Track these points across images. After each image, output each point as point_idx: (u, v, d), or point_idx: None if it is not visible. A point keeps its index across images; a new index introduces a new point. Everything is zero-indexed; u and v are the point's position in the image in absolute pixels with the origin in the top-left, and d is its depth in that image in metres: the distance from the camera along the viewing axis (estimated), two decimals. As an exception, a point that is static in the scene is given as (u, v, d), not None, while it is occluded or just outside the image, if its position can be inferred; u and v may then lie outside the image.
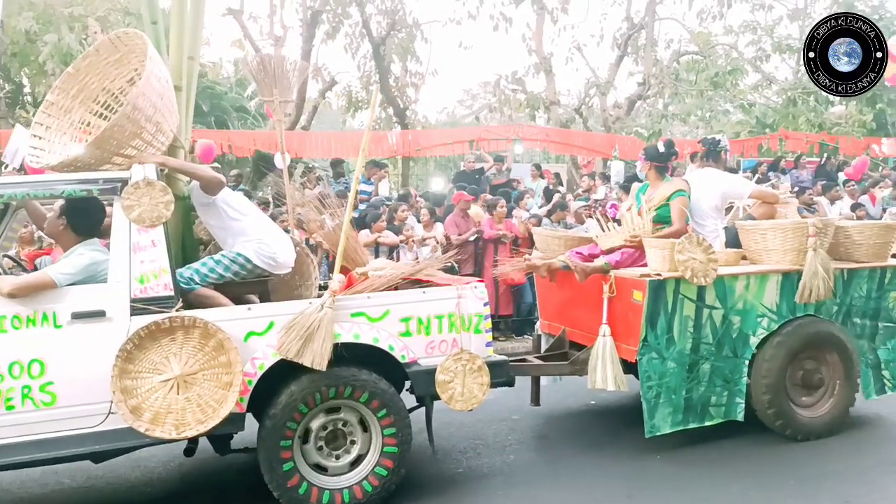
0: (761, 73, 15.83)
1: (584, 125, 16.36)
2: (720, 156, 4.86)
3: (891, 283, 4.55)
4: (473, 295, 3.83)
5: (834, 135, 14.70)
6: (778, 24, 15.93)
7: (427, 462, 4.31)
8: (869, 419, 4.85)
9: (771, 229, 4.29)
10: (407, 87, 15.44)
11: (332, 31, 14.64)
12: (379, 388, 3.62)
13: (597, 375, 4.24)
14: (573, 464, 4.27)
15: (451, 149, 14.57)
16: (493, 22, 15.18)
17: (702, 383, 4.25)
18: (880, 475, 4.01)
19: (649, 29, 15.26)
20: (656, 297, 4.08)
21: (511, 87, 15.81)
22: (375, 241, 7.62)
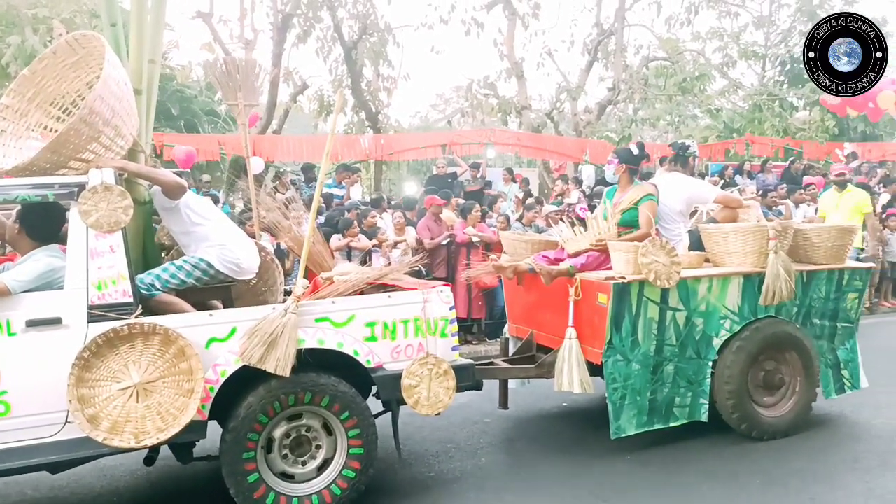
0: (728, 79, 16.10)
1: (555, 130, 16.44)
2: (688, 161, 4.93)
3: (848, 285, 4.65)
4: (439, 299, 3.83)
5: (798, 140, 15.00)
6: (744, 31, 16.23)
7: (399, 466, 4.30)
8: (832, 418, 4.94)
9: (732, 232, 4.36)
10: (379, 92, 15.37)
11: (304, 35, 14.51)
12: (339, 390, 3.59)
13: (563, 378, 4.26)
14: (545, 466, 4.28)
15: (423, 153, 14.55)
16: (464, 27, 15.21)
17: (666, 385, 4.30)
18: (843, 473, 4.09)
19: (619, 35, 15.42)
20: (621, 299, 4.11)
21: (483, 92, 15.84)
22: (347, 245, 7.58)
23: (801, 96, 15.20)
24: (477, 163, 13.31)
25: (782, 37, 16.70)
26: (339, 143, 13.82)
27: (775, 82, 16.45)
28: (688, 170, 4.92)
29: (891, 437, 4.61)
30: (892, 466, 4.14)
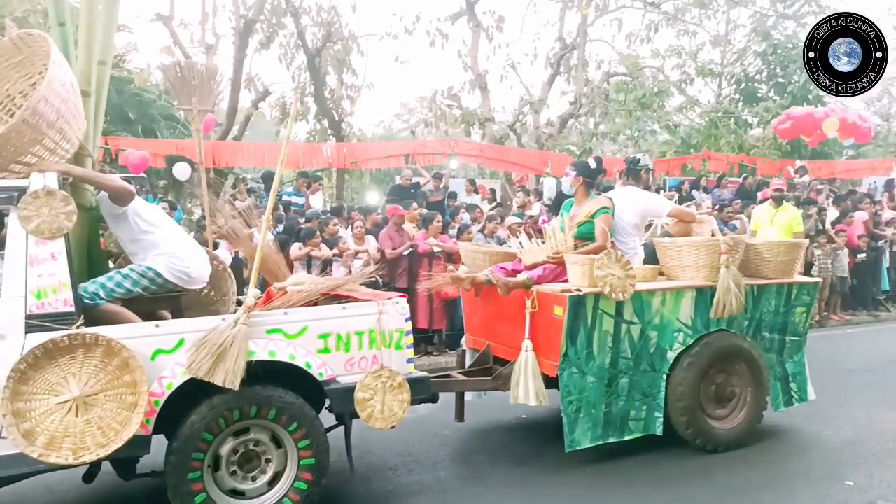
0: (686, 96, 16.49)
1: (518, 142, 16.58)
2: (640, 175, 4.99)
3: (797, 299, 4.75)
4: (395, 310, 3.78)
5: (752, 156, 15.40)
6: (701, 50, 16.68)
7: (357, 481, 4.24)
8: (783, 430, 5.03)
9: (686, 246, 4.42)
10: (342, 100, 15.30)
11: (266, 41, 14.39)
12: (285, 402, 3.51)
13: (519, 391, 4.25)
14: (504, 479, 4.25)
15: (386, 162, 14.49)
16: (429, 37, 15.27)
17: (621, 398, 4.32)
18: (794, 483, 4.17)
19: (581, 50, 15.66)
20: (576, 312, 4.13)
21: (447, 103, 15.89)
22: (308, 254, 7.47)
23: (755, 114, 15.63)
24: (440, 173, 13.32)
25: (737, 56, 17.18)
26: (301, 151, 13.68)
27: (731, 100, 16.90)
28: (641, 183, 4.98)
29: (839, 448, 4.71)
30: (839, 477, 4.23)
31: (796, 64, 15.75)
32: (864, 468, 4.34)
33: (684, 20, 16.29)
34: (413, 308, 7.78)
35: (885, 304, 11.12)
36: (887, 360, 7.38)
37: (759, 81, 16.59)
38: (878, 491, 4.01)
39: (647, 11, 15.83)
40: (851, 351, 8.12)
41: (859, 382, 6.60)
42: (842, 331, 9.67)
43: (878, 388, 6.27)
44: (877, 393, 6.11)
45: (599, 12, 15.79)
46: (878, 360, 7.47)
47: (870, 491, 4.01)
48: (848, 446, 4.74)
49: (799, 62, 15.90)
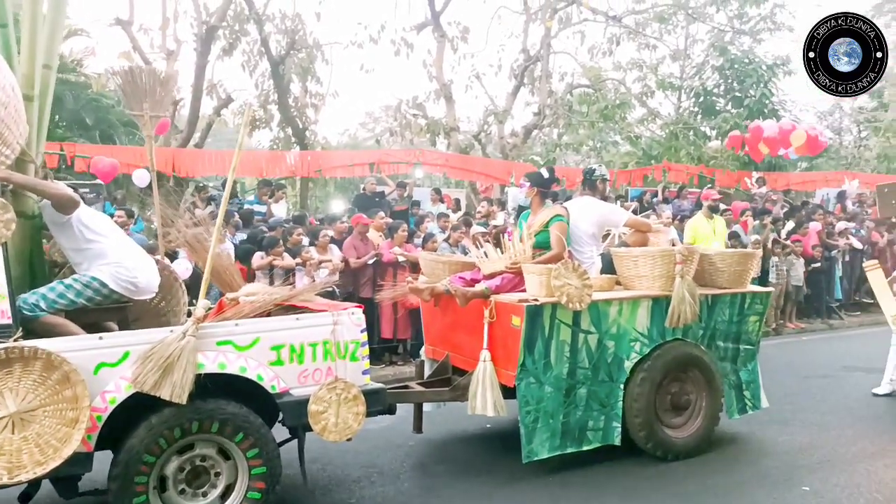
0: (647, 108, 16.77)
1: (482, 152, 16.65)
2: (596, 185, 5.01)
3: (750, 308, 4.82)
4: (350, 321, 3.71)
5: (711, 167, 15.72)
6: (661, 63, 17.01)
7: (319, 492, 4.17)
8: (742, 436, 5.09)
9: (642, 256, 4.45)
10: (307, 108, 15.17)
11: (229, 48, 14.20)
12: (228, 413, 3.41)
13: (477, 401, 4.22)
14: (467, 488, 4.21)
15: (351, 171, 14.39)
16: (394, 47, 15.25)
17: (579, 408, 4.32)
18: (753, 488, 4.22)
19: (544, 61, 15.81)
20: (533, 322, 4.11)
21: (412, 112, 15.88)
22: (270, 263, 7.34)
23: (713, 126, 15.98)
24: (404, 182, 13.27)
25: (696, 70, 17.55)
26: (265, 159, 13.51)
27: (690, 113, 17.24)
28: (597, 193, 5.01)
29: (795, 454, 4.79)
30: (797, 481, 4.29)
31: (752, 78, 16.17)
32: (819, 473, 4.42)
33: (645, 34, 16.60)
34: (377, 317, 7.76)
35: (837, 312, 11.40)
36: (840, 366, 7.54)
37: (716, 95, 16.97)
38: (833, 495, 4.08)
39: (609, 25, 16.08)
40: (806, 358, 8.28)
41: (814, 389, 6.73)
42: (797, 338, 9.86)
43: (831, 394, 6.41)
44: (831, 399, 6.23)
45: (563, 25, 16.00)
46: (832, 366, 7.63)
47: (825, 495, 4.08)
48: (804, 451, 4.82)
49: (755, 77, 16.36)
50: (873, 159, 17.10)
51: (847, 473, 4.42)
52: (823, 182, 16.34)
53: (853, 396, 5.83)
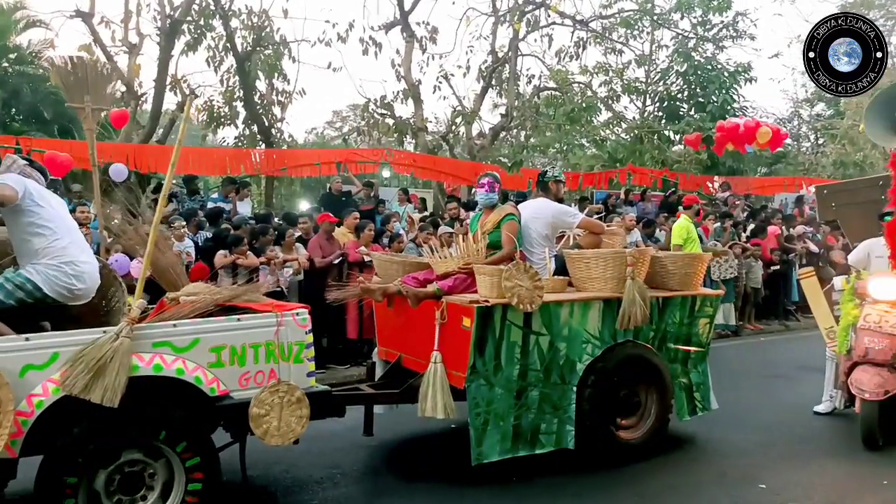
0: (612, 112, 16.86)
1: (450, 152, 16.57)
2: (548, 186, 4.97)
3: (700, 311, 4.83)
4: (295, 322, 3.61)
5: (675, 171, 15.89)
6: (627, 68, 17.10)
7: (281, 495, 4.10)
8: (700, 436, 5.12)
9: (594, 258, 4.42)
10: (273, 105, 14.90)
11: (194, 43, 13.86)
12: (165, 418, 3.28)
13: (427, 403, 4.14)
14: (435, 490, 4.15)
15: (318, 170, 14.20)
16: (362, 45, 15.06)
17: (531, 410, 4.26)
18: (713, 487, 4.24)
19: (512, 64, 15.78)
20: (484, 323, 4.05)
21: (380, 112, 15.71)
22: (233, 261, 7.16)
23: (677, 131, 16.15)
24: (371, 182, 13.14)
25: (661, 75, 17.74)
26: (229, 157, 13.25)
27: (654, 117, 17.41)
28: (551, 195, 4.97)
29: (752, 452, 4.82)
30: (754, 480, 4.32)
31: (715, 84, 16.39)
32: (776, 471, 4.47)
33: (611, 39, 16.67)
34: (342, 318, 7.61)
35: (794, 313, 11.60)
36: (796, 366, 7.60)
37: (680, 100, 17.17)
38: (789, 493, 4.12)
39: (577, 29, 16.11)
40: (764, 358, 8.39)
41: (771, 388, 6.83)
42: (755, 339, 9.99)
43: (788, 394, 6.45)
44: (787, 398, 6.27)
45: (531, 28, 15.97)
46: (789, 366, 7.71)
47: (781, 493, 4.12)
48: (761, 450, 4.87)
49: (717, 83, 16.59)
50: (829, 165, 17.46)
51: (802, 471, 4.48)
52: (782, 187, 16.65)
53: (808, 396, 5.88)
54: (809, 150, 20.81)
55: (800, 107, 21.46)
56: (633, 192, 14.78)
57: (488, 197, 4.70)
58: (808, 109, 21.38)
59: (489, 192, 4.69)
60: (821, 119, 20.56)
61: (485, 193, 4.71)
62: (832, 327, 5.56)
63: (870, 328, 4.85)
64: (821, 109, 21.17)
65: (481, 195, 4.75)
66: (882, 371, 4.74)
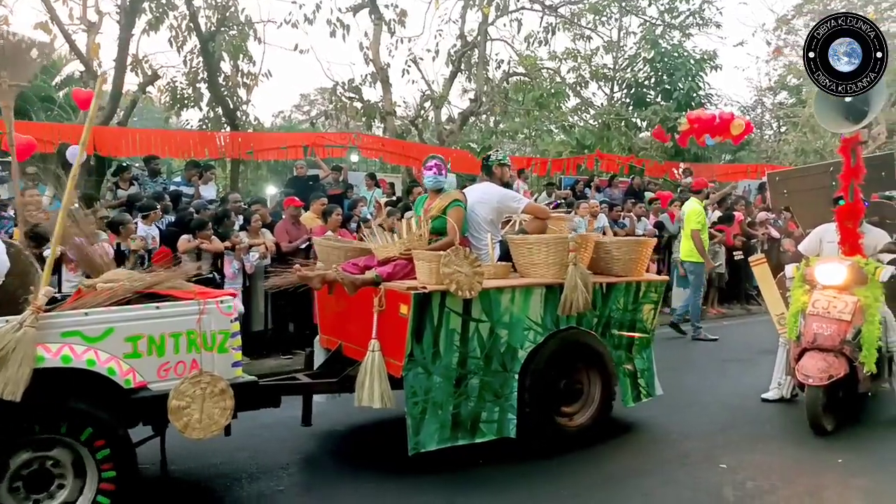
0: (580, 98, 16.72)
1: (419, 137, 16.32)
2: (493, 170, 4.81)
3: (645, 297, 4.72)
4: (219, 310, 3.41)
5: (641, 158, 15.84)
6: (595, 54, 16.94)
7: (246, 480, 4.00)
8: (663, 418, 5.10)
9: (536, 243, 4.28)
10: (238, 87, 14.48)
11: (156, 22, 13.36)
12: (74, 410, 3.09)
13: (364, 392, 3.99)
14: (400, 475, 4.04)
15: (284, 154, 13.87)
16: (330, 27, 14.68)
17: (471, 399, 4.12)
18: (675, 468, 4.24)
19: (481, 48, 15.54)
20: (422, 310, 3.89)
21: (347, 95, 15.38)
22: (197, 247, 6.91)
23: (643, 118, 16.08)
24: (339, 166, 12.88)
25: (628, 62, 17.63)
26: (193, 140, 12.86)
27: (622, 104, 17.31)
28: (496, 179, 4.80)
29: (714, 434, 4.84)
30: (715, 461, 4.34)
31: (681, 72, 16.33)
32: (736, 452, 4.50)
33: (580, 25, 16.48)
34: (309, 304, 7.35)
35: (756, 298, 11.64)
36: (757, 350, 7.59)
37: (647, 87, 17.08)
38: (748, 472, 4.16)
39: (546, 14, 15.90)
40: (726, 342, 8.46)
41: (732, 371, 6.86)
42: (718, 323, 10.01)
43: (748, 377, 6.44)
44: (747, 381, 6.27)
45: (500, 12, 15.72)
46: (749, 350, 7.74)
47: (741, 472, 4.15)
48: (722, 432, 4.89)
49: (684, 70, 16.53)
50: (791, 153, 17.57)
51: (762, 452, 4.52)
52: (745, 174, 16.70)
53: (768, 379, 5.86)
54: (772, 138, 20.93)
55: (763, 95, 21.58)
56: (601, 178, 14.71)
57: (436, 179, 4.53)
58: (771, 98, 21.50)
59: (437, 174, 4.52)
60: (783, 107, 20.67)
61: (433, 176, 4.53)
62: (783, 313, 5.54)
63: (818, 314, 4.81)
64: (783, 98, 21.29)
65: (429, 177, 4.56)
66: (828, 356, 4.71)
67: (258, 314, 7.55)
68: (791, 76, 19.62)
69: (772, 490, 3.92)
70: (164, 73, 14.10)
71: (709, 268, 8.79)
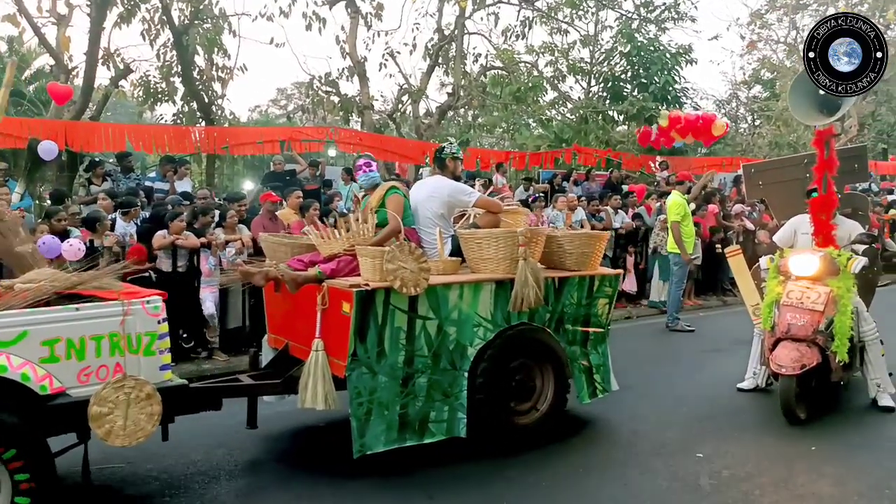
0: (558, 92, 16.53)
1: (397, 131, 16.08)
2: (445, 163, 4.62)
3: (599, 291, 4.56)
4: (145, 311, 3.21)
5: (618, 151, 15.70)
6: (572, 48, 16.75)
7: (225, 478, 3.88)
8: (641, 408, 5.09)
9: (485, 238, 4.09)
10: (213, 81, 14.16)
11: (127, 15, 13.00)
12: None
13: (307, 394, 3.80)
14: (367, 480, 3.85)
15: (261, 148, 13.58)
16: (305, 21, 14.38)
17: (419, 398, 3.94)
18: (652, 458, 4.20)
19: (459, 42, 15.30)
20: (365, 308, 3.70)
21: (324, 89, 15.08)
22: (172, 243, 6.67)
23: (620, 111, 15.94)
24: (316, 161, 12.64)
25: (605, 56, 17.46)
26: (168, 135, 12.55)
27: (599, 97, 17.15)
28: (447, 172, 4.61)
29: (691, 424, 4.82)
30: (692, 450, 4.31)
31: (657, 66, 16.17)
32: (712, 441, 4.48)
33: (557, 19, 16.28)
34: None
35: (731, 289, 11.56)
36: (733, 340, 7.55)
37: (624, 81, 16.92)
38: (724, 461, 4.15)
39: (523, 8, 15.67)
40: (702, 333, 8.42)
41: (709, 362, 6.77)
42: (695, 314, 9.96)
43: (724, 367, 6.38)
44: (724, 371, 6.20)
45: (477, 6, 15.48)
46: (725, 340, 7.68)
47: (717, 461, 4.15)
48: (699, 422, 4.87)
49: (660, 64, 16.38)
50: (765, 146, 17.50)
51: (737, 440, 4.52)
52: (720, 167, 16.61)
53: (743, 369, 5.83)
54: (747, 131, 20.86)
55: (738, 89, 21.47)
56: (578, 172, 14.55)
57: (368, 177, 4.38)
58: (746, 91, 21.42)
59: (368, 171, 4.36)
60: (757, 101, 20.60)
61: (364, 175, 4.38)
62: (757, 304, 5.54)
63: (792, 304, 4.78)
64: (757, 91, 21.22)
65: (362, 178, 4.41)
66: (800, 346, 4.68)
67: (236, 311, 7.34)
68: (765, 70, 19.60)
69: (747, 478, 3.92)
70: (136, 66, 13.74)
71: (685, 259, 8.67)
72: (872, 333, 5.14)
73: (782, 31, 19.38)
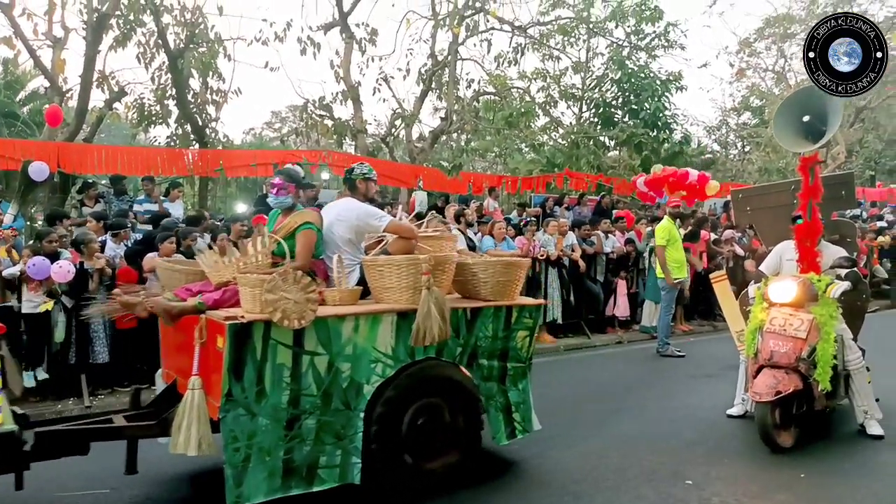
0: (550, 117, 16.09)
1: (390, 155, 15.70)
2: (356, 184, 4.12)
3: (518, 322, 3.99)
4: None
5: (609, 176, 15.18)
6: (564, 74, 16.33)
7: None
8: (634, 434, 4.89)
9: (386, 265, 3.57)
10: (207, 104, 13.91)
11: (123, 39, 12.82)
12: None
13: (180, 437, 3.28)
14: None
15: (254, 171, 13.26)
16: (300, 45, 14.13)
17: (307, 442, 3.40)
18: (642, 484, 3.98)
19: (452, 67, 14.97)
20: (240, 343, 3.19)
21: (318, 113, 14.78)
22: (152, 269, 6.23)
23: (611, 137, 15.44)
24: (311, 184, 12.27)
25: (596, 82, 17.01)
26: (161, 157, 12.29)
27: (590, 123, 16.67)
28: (359, 194, 4.12)
29: (682, 449, 4.63)
30: (681, 476, 4.13)
31: (647, 92, 15.69)
32: (702, 467, 4.32)
33: (549, 45, 15.89)
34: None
35: (721, 314, 10.94)
36: (723, 366, 7.27)
37: (615, 107, 16.44)
38: (714, 488, 3.97)
39: (515, 35, 15.33)
40: (693, 358, 8.04)
41: (700, 387, 6.53)
42: (685, 339, 9.65)
43: (714, 392, 6.15)
44: (714, 397, 5.98)
45: (470, 32, 15.16)
46: (715, 366, 7.45)
47: (706, 488, 3.97)
48: (689, 447, 4.71)
49: (650, 90, 15.88)
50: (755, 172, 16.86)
51: (727, 467, 4.34)
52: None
53: (732, 395, 5.57)
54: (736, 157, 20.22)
55: (728, 115, 20.92)
56: (570, 197, 14.04)
57: (279, 200, 3.87)
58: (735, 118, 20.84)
59: (279, 195, 3.85)
60: (747, 127, 19.96)
61: (274, 197, 3.87)
62: (742, 330, 5.32)
63: (775, 331, 4.62)
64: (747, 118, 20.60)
65: (272, 199, 3.91)
66: (777, 373, 4.49)
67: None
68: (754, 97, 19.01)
69: (736, 505, 3.68)
70: (131, 89, 13.55)
71: (669, 282, 8.33)
72: (858, 362, 4.87)
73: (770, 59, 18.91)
